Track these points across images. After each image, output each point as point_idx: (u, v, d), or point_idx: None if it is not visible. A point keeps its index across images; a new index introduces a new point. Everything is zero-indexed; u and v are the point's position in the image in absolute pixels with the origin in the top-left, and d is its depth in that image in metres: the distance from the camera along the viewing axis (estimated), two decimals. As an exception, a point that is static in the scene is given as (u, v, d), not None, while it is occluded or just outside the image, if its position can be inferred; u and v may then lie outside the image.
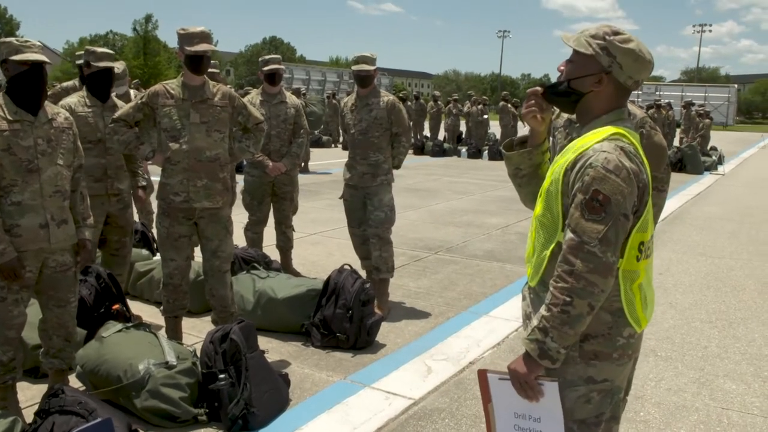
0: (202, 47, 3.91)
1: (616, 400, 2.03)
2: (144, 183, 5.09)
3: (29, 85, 3.14)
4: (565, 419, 1.96)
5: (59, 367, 3.51)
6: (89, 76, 4.52)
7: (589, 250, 1.80)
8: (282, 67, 5.76)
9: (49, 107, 3.33)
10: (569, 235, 1.84)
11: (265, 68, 5.67)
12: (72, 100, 4.47)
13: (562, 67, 2.00)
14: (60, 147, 3.30)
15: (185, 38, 3.93)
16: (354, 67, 5.09)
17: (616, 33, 1.92)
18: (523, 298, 2.14)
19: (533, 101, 2.09)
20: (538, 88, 2.09)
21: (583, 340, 1.95)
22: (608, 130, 1.91)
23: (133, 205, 6.66)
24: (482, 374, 2.06)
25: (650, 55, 1.93)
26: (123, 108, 4.19)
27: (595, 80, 1.93)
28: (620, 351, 1.96)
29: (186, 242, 4.14)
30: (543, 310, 1.87)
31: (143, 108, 4.06)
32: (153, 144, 4.16)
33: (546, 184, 1.98)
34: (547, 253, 1.96)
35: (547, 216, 1.96)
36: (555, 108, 2.14)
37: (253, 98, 5.66)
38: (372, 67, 5.07)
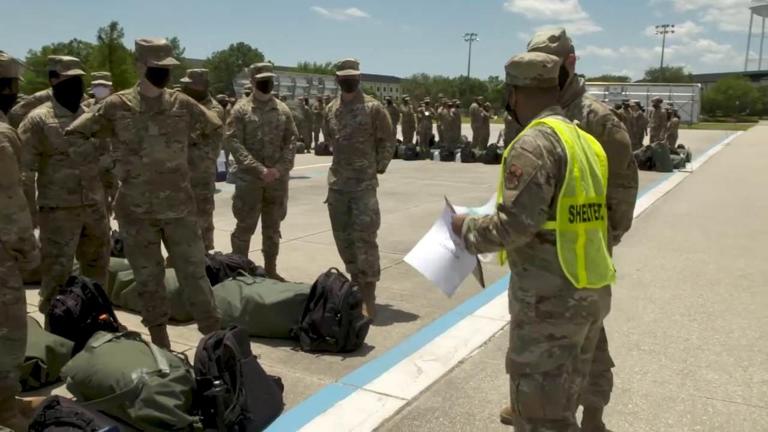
0: (168, 61, 3.89)
1: (575, 354, 2.40)
2: None
3: None
4: (532, 372, 2.38)
5: None
6: (57, 85, 4.45)
7: (508, 210, 2.28)
8: (274, 74, 5.77)
9: None
10: (499, 201, 2.36)
11: (258, 75, 5.62)
12: (41, 111, 4.39)
13: None
14: None
15: (150, 51, 3.87)
16: (340, 72, 5.09)
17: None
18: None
19: None
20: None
21: (538, 301, 2.35)
22: (534, 122, 2.43)
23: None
24: (446, 200, 2.78)
25: (530, 57, 2.47)
26: (78, 119, 4.05)
27: (512, 96, 2.55)
28: (572, 311, 2.33)
29: (155, 249, 4.13)
30: (480, 221, 2.40)
31: (100, 120, 3.96)
32: (113, 155, 4.11)
33: (501, 174, 2.42)
34: None
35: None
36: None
37: (245, 106, 5.62)
38: (358, 72, 5.10)
